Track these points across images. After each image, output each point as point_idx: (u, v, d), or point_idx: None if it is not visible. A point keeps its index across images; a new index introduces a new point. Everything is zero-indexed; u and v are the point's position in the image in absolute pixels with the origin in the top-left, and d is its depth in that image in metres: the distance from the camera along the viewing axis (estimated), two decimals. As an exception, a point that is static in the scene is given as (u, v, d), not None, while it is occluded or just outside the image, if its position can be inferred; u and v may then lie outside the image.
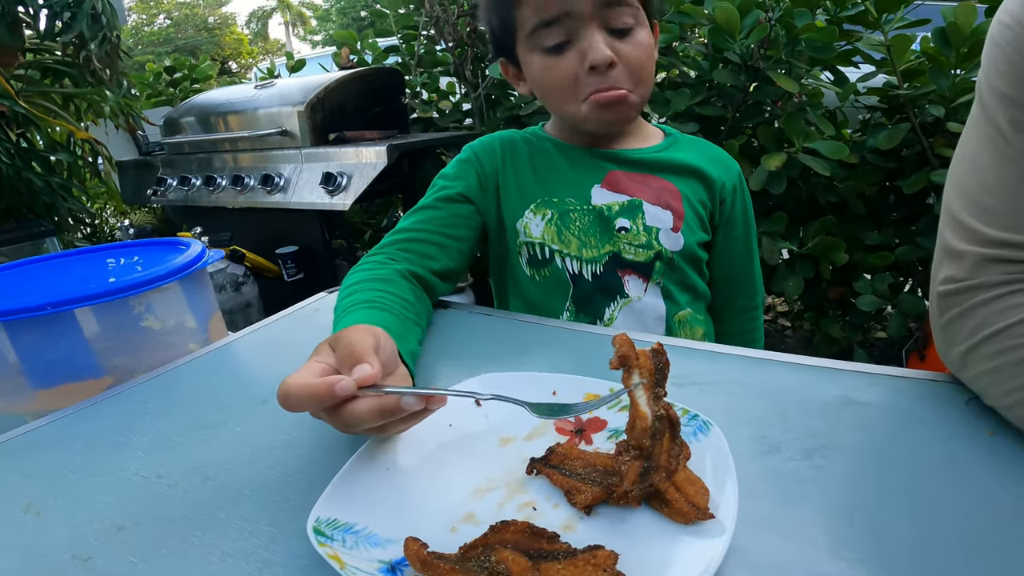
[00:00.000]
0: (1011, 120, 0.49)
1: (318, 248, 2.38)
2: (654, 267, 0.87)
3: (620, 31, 0.79)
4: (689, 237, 0.88)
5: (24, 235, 2.14)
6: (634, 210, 0.87)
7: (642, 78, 0.83)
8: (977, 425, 0.51)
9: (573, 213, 0.87)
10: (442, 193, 0.89)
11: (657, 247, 0.86)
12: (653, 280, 0.87)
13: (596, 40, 0.77)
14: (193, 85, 3.50)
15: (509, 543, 0.36)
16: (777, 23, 1.59)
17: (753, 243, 0.97)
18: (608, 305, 0.88)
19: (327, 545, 0.39)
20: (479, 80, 2.40)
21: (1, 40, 2.04)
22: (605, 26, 0.79)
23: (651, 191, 0.88)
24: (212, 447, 0.57)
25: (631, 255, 0.86)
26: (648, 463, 0.39)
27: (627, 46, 0.80)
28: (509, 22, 0.83)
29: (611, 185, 0.88)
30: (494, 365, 0.67)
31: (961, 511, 0.41)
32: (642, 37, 0.81)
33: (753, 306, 1.00)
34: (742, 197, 0.95)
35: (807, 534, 0.40)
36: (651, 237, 0.86)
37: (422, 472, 0.48)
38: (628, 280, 0.87)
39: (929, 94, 1.59)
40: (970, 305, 0.52)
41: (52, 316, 0.66)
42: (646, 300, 0.87)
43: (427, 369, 0.69)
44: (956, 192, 0.55)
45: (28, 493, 0.52)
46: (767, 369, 0.63)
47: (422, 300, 0.77)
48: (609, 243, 0.87)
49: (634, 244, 0.86)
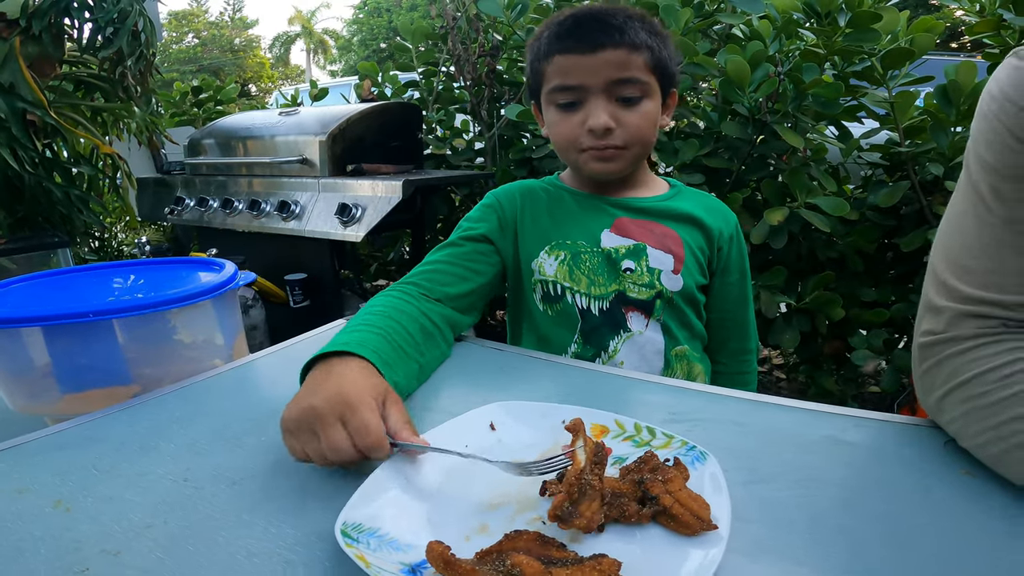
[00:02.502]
0: (992, 188, 0.54)
1: (326, 277, 2.40)
2: (655, 305, 0.94)
3: (627, 99, 0.90)
4: (688, 279, 0.95)
5: (37, 245, 2.16)
6: (639, 253, 0.94)
7: (638, 140, 0.92)
8: (953, 465, 0.55)
9: (584, 254, 0.96)
10: (466, 233, 0.98)
11: (659, 287, 0.94)
12: (654, 317, 0.95)
13: (599, 108, 0.89)
14: (217, 107, 3.58)
15: (522, 550, 0.39)
16: (786, 77, 1.65)
17: (747, 290, 1.04)
18: (612, 338, 0.95)
19: (353, 546, 0.42)
20: (494, 120, 2.46)
21: (43, 51, 2.10)
22: (613, 96, 0.89)
23: (654, 237, 0.96)
24: (237, 455, 0.60)
25: (635, 293, 0.94)
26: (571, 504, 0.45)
27: (630, 115, 0.90)
28: (539, 74, 0.94)
29: (619, 230, 0.96)
30: (505, 394, 0.71)
31: (935, 540, 0.46)
32: (647, 107, 0.91)
33: (746, 349, 1.06)
34: (738, 246, 1.02)
35: (794, 555, 0.44)
36: (653, 278, 0.94)
37: (440, 486, 0.52)
38: (631, 316, 0.95)
39: (929, 152, 1.64)
40: (945, 356, 0.57)
41: (91, 323, 0.70)
42: (647, 335, 0.95)
43: (443, 396, 0.73)
44: (941, 253, 0.59)
45: (59, 490, 0.55)
46: (762, 410, 0.67)
47: (431, 339, 0.81)
48: (615, 282, 0.94)
49: (638, 284, 0.94)
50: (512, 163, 2.37)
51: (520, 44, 2.30)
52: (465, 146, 2.65)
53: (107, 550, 0.46)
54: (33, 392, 0.76)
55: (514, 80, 2.44)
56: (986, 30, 1.61)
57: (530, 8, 2.11)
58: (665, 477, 0.46)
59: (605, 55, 0.87)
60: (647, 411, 0.67)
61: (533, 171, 2.28)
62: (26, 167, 2.03)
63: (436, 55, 2.61)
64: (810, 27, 1.67)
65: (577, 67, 0.89)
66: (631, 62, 0.88)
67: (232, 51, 25.95)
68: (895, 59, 1.58)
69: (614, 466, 0.54)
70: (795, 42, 1.76)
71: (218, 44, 25.97)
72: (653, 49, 0.90)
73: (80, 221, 2.38)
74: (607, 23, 0.88)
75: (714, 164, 1.83)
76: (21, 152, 2.00)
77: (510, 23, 2.15)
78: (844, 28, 1.54)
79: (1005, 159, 0.53)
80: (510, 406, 0.62)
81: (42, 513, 0.51)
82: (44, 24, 2.03)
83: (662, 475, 0.47)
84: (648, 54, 0.89)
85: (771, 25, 1.68)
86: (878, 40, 1.54)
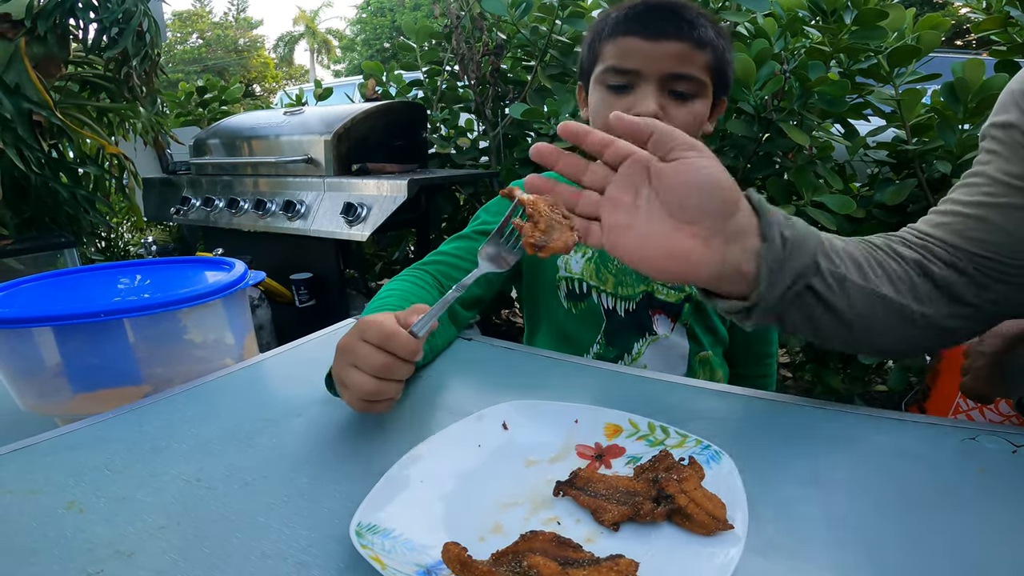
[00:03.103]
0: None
1: (332, 277, 2.41)
2: (683, 308, 0.93)
3: (679, 95, 0.87)
4: None
5: (44, 245, 2.17)
6: None
7: None
8: (970, 463, 0.55)
9: None
10: (481, 227, 0.97)
11: (688, 290, 0.92)
12: (681, 320, 0.93)
13: (648, 96, 0.86)
14: (222, 107, 3.58)
15: (538, 551, 0.39)
16: (791, 75, 1.64)
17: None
18: (637, 340, 0.94)
19: (368, 548, 0.42)
20: (498, 119, 2.46)
21: (49, 51, 2.10)
22: (666, 88, 0.87)
23: None
24: (250, 455, 0.60)
25: (663, 295, 0.93)
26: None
27: (679, 110, 0.87)
28: (595, 53, 0.92)
29: None
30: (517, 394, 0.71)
31: (952, 539, 0.45)
32: (697, 107, 0.89)
33: (768, 353, 1.04)
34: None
35: (810, 555, 0.44)
36: None
37: (453, 486, 0.51)
38: (657, 319, 0.94)
39: (937, 150, 1.63)
40: None
41: (102, 323, 0.70)
42: (672, 339, 0.93)
43: (454, 396, 0.73)
44: None
45: (72, 491, 0.55)
46: (776, 408, 0.67)
47: (442, 325, 0.83)
48: (644, 283, 0.93)
49: (666, 286, 0.92)
50: (516, 162, 2.37)
51: (524, 43, 2.30)
52: (469, 145, 2.66)
53: (121, 551, 0.46)
54: (44, 392, 0.76)
55: (518, 79, 2.43)
56: (993, 27, 1.60)
57: (534, 7, 2.11)
58: (680, 476, 0.46)
59: (668, 45, 0.85)
60: (660, 410, 0.66)
61: (537, 170, 2.28)
62: (32, 167, 2.03)
63: (440, 54, 2.61)
64: (816, 25, 1.66)
65: (637, 51, 0.86)
66: (693, 58, 0.86)
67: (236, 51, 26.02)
68: (901, 56, 1.57)
69: (628, 465, 0.54)
70: (800, 40, 1.75)
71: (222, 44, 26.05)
72: (716, 50, 0.88)
73: (86, 221, 2.39)
74: (678, 14, 0.87)
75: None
76: (27, 152, 2.00)
77: (514, 22, 2.15)
78: (850, 26, 1.53)
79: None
80: (522, 405, 0.61)
81: (55, 514, 0.51)
82: (49, 25, 2.04)
83: (677, 474, 0.46)
84: (711, 54, 0.87)
85: (776, 23, 1.68)
86: (884, 37, 1.53)
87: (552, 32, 2.12)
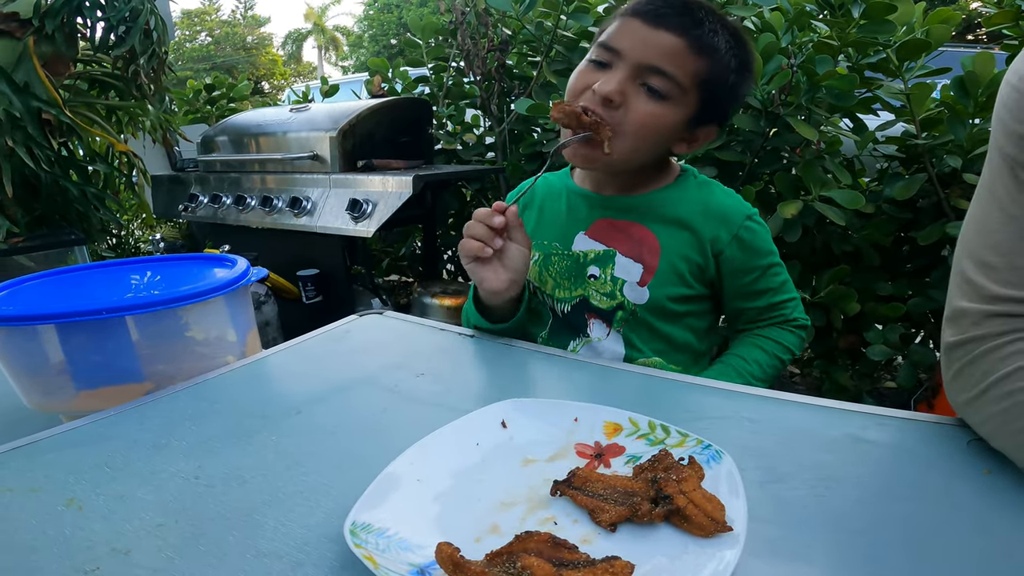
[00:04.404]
0: (1016, 180, 0.53)
1: (338, 273, 2.42)
2: (615, 315, 0.93)
3: (652, 91, 0.82)
4: (657, 291, 0.91)
5: (54, 242, 2.19)
6: (606, 260, 0.94)
7: (634, 133, 0.84)
8: (976, 464, 0.54)
9: (554, 256, 0.97)
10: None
11: (620, 298, 0.93)
12: (615, 327, 0.94)
13: (614, 77, 0.82)
14: (230, 104, 3.60)
15: (533, 551, 0.39)
16: (799, 69, 1.63)
17: (777, 279, 0.97)
18: (573, 339, 0.97)
19: (362, 547, 0.42)
20: (504, 115, 2.46)
21: (57, 50, 2.12)
22: (641, 80, 0.82)
23: (629, 243, 0.93)
24: (248, 453, 0.60)
25: (596, 301, 0.94)
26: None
27: (641, 104, 0.83)
28: (601, 31, 0.89)
29: (594, 233, 0.95)
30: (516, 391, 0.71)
31: (957, 541, 0.44)
32: (664, 110, 0.83)
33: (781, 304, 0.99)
34: (745, 246, 0.93)
35: (810, 556, 0.43)
36: (615, 288, 0.93)
37: (450, 485, 0.51)
38: (593, 323, 0.96)
39: (947, 144, 1.61)
40: (979, 353, 0.55)
41: (104, 321, 0.70)
42: (606, 343, 0.95)
43: (453, 393, 0.72)
44: (965, 251, 0.58)
45: (72, 488, 0.55)
46: (778, 407, 0.66)
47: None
48: (580, 287, 0.95)
49: (600, 292, 0.94)
50: (523, 157, 2.36)
51: (530, 38, 2.30)
52: (475, 141, 2.66)
53: (117, 549, 0.46)
54: (48, 389, 0.77)
55: (524, 74, 2.43)
56: (1004, 21, 1.58)
57: (539, 2, 2.10)
58: (679, 476, 0.45)
59: (662, 36, 0.81)
60: (660, 408, 0.66)
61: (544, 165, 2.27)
62: (42, 165, 2.05)
63: (446, 50, 2.61)
64: (823, 19, 1.65)
65: (629, 32, 0.83)
66: (680, 58, 0.81)
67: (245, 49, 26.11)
68: (911, 51, 1.56)
69: (628, 464, 0.53)
70: (808, 34, 1.73)
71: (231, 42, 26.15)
72: (717, 64, 0.83)
73: (96, 219, 2.41)
74: (688, 9, 0.82)
75: (726, 157, 1.81)
76: (37, 151, 2.02)
77: (519, 17, 2.15)
78: (858, 20, 1.52)
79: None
80: (521, 403, 0.61)
81: (55, 512, 0.51)
82: (57, 23, 2.05)
83: (676, 474, 0.46)
84: (707, 64, 0.82)
85: (783, 17, 1.66)
86: (893, 32, 1.51)
87: (557, 27, 2.11)
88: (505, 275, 0.84)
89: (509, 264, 0.85)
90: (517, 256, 0.85)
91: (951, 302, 0.59)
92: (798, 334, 1.00)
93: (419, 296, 2.42)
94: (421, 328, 0.95)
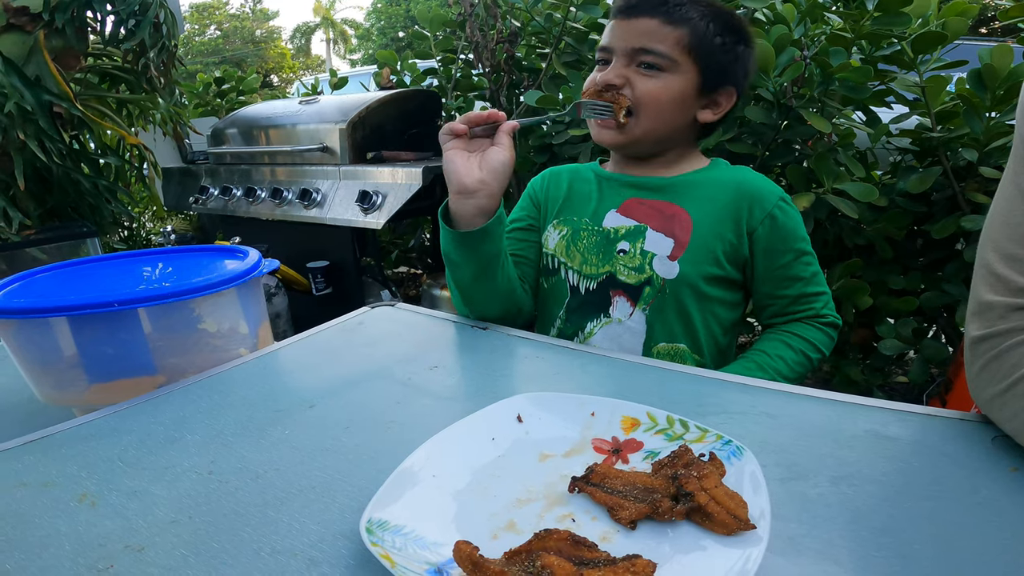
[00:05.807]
0: None
1: (348, 265, 2.42)
2: (643, 292, 0.92)
3: (648, 67, 0.90)
4: (687, 267, 0.90)
5: (66, 235, 2.20)
6: (637, 234, 0.93)
7: (650, 106, 0.91)
8: (1002, 461, 0.53)
9: (584, 232, 0.97)
10: (511, 225, 1.04)
11: (649, 272, 0.91)
12: (640, 306, 0.92)
13: (614, 68, 0.91)
14: (239, 97, 3.60)
15: (552, 550, 0.38)
16: (812, 61, 1.61)
17: (808, 269, 0.96)
18: (591, 320, 0.96)
19: (378, 545, 0.41)
20: (513, 107, 2.44)
21: (67, 44, 2.12)
22: (636, 63, 0.91)
23: (661, 218, 0.93)
24: (262, 447, 0.59)
25: (624, 276, 0.93)
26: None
27: (646, 81, 0.90)
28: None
29: (625, 211, 0.96)
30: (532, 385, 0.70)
31: (982, 540, 0.43)
32: (668, 81, 0.90)
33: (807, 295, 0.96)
34: (777, 226, 0.92)
35: (834, 556, 0.42)
36: (645, 261, 0.92)
37: (466, 481, 0.51)
38: (617, 301, 0.94)
39: (963, 137, 1.58)
40: (1003, 348, 0.54)
41: (116, 313, 0.70)
42: (627, 324, 0.94)
43: (468, 387, 0.72)
44: (990, 244, 0.57)
45: (84, 483, 0.55)
46: (797, 402, 0.65)
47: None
48: (608, 263, 0.94)
49: (628, 266, 0.93)
50: (532, 149, 2.35)
51: (539, 30, 2.28)
52: (485, 133, 2.63)
53: (131, 546, 0.46)
54: (61, 382, 0.76)
55: (533, 66, 2.41)
56: (1021, 14, 1.56)
57: (549, -7, 2.09)
58: (700, 473, 0.44)
59: (637, 23, 0.90)
60: (677, 402, 0.65)
61: (553, 157, 2.26)
62: (54, 159, 2.06)
63: (454, 42, 2.59)
64: (836, 11, 1.62)
65: (613, 31, 0.92)
66: (661, 34, 0.89)
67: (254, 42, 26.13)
68: (926, 43, 1.53)
69: (646, 460, 0.52)
70: (821, 26, 1.71)
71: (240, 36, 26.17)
72: (696, 30, 0.89)
73: (108, 211, 2.42)
74: None
75: (738, 150, 1.79)
76: (49, 144, 2.03)
77: (528, 9, 2.13)
78: (872, 12, 1.49)
79: None
80: (537, 397, 0.60)
81: (67, 507, 0.51)
82: (67, 17, 2.05)
83: (697, 471, 0.45)
84: (688, 33, 0.89)
85: (796, 9, 1.64)
86: (908, 24, 1.49)
87: (567, 19, 2.09)
88: (478, 172, 0.83)
89: (486, 165, 0.83)
90: (496, 159, 0.83)
91: (976, 296, 0.57)
92: (828, 332, 0.97)
93: (428, 288, 2.41)
94: (433, 320, 0.94)
